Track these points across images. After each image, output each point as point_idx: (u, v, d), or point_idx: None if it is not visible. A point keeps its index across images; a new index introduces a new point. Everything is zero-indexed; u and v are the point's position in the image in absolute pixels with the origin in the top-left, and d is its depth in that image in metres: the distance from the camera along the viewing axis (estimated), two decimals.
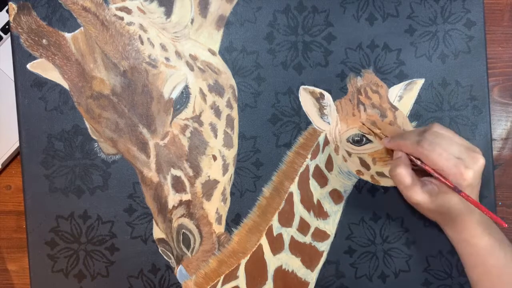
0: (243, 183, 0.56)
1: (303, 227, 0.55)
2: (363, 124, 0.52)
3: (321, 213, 0.55)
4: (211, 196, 0.55)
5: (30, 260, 0.55)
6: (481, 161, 0.45)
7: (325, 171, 0.55)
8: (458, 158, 0.44)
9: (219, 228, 0.55)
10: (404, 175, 0.46)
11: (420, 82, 0.56)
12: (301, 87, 0.56)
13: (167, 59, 0.54)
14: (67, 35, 0.55)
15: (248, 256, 0.55)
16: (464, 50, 0.56)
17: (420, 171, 0.48)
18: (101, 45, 0.54)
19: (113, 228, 0.55)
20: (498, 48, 0.61)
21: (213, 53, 0.56)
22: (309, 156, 0.56)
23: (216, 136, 0.55)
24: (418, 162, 0.47)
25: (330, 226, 0.56)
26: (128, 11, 0.54)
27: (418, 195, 0.46)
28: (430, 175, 0.47)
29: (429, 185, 0.46)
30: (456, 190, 0.44)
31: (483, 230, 0.46)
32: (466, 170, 0.44)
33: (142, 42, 0.54)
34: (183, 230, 0.55)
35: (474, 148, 0.46)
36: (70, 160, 0.55)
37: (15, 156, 0.61)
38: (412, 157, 0.48)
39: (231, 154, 0.56)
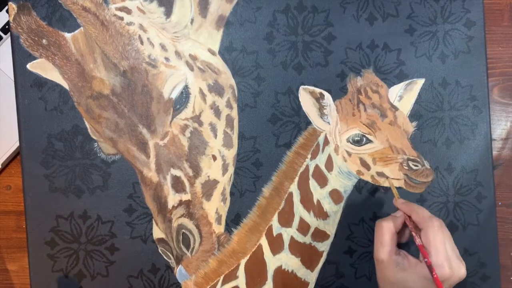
0: (243, 183, 0.56)
1: (303, 227, 0.55)
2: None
3: (321, 213, 0.55)
4: (210, 196, 0.55)
5: (30, 260, 0.55)
6: (462, 272, 0.44)
7: (325, 171, 0.55)
8: (447, 258, 0.44)
9: (219, 228, 0.55)
10: (387, 231, 0.46)
11: (420, 82, 0.56)
12: (301, 87, 0.56)
13: (167, 59, 0.54)
14: (67, 35, 0.55)
15: (248, 256, 0.55)
16: (464, 50, 0.56)
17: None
18: (101, 45, 0.54)
19: (113, 228, 0.55)
20: (498, 48, 0.61)
21: (213, 53, 0.56)
22: (309, 156, 0.56)
23: (216, 136, 0.55)
24: (415, 235, 0.46)
25: (330, 226, 0.55)
26: (128, 11, 0.54)
27: (386, 256, 0.45)
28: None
29: (401, 258, 0.46)
30: (430, 267, 0.43)
31: None
32: (448, 269, 0.43)
33: (142, 42, 0.54)
34: (183, 230, 0.55)
35: (462, 260, 0.45)
36: (70, 160, 0.55)
37: (15, 156, 0.61)
38: (410, 227, 0.47)
39: (231, 154, 0.56)
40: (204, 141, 0.55)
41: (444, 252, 0.44)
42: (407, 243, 0.50)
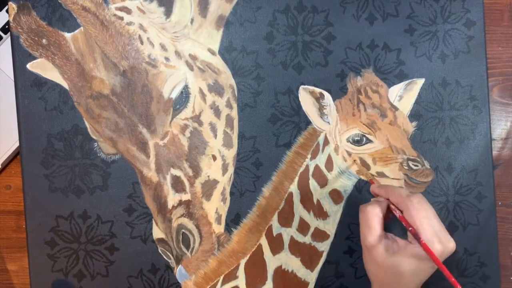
0: (243, 183, 0.56)
1: (303, 227, 0.55)
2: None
3: (321, 213, 0.55)
4: (210, 196, 0.55)
5: (30, 260, 0.55)
6: (451, 245, 0.43)
7: (325, 171, 0.55)
8: (436, 232, 0.43)
9: (219, 228, 0.55)
10: (373, 215, 0.44)
11: (420, 82, 0.56)
12: (301, 87, 0.56)
13: (166, 59, 0.54)
14: (67, 35, 0.55)
15: (248, 256, 0.55)
16: (464, 50, 0.56)
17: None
18: (100, 45, 0.54)
19: (112, 228, 0.55)
20: (498, 48, 0.61)
21: (212, 53, 0.56)
22: (309, 156, 0.56)
23: (215, 136, 0.55)
24: (398, 213, 0.45)
25: (330, 226, 0.55)
26: (127, 11, 0.54)
27: (375, 241, 0.44)
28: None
29: (390, 242, 0.45)
30: (431, 253, 0.42)
31: None
32: (439, 244, 0.42)
33: (141, 42, 0.54)
34: (183, 230, 0.55)
35: (448, 233, 0.45)
36: (70, 160, 0.55)
37: (15, 156, 0.61)
38: (393, 208, 0.46)
39: (230, 154, 0.56)
40: (204, 141, 0.55)
41: (430, 228, 0.43)
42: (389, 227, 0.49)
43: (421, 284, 0.44)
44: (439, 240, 0.42)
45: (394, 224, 0.54)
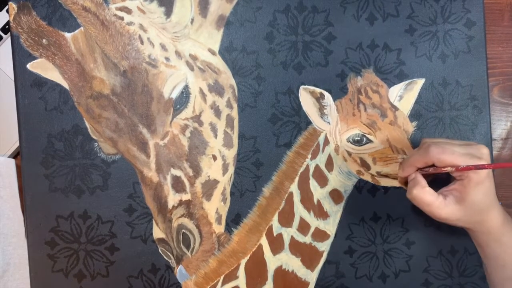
0: (243, 183, 0.56)
1: (303, 227, 0.55)
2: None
3: (321, 213, 0.55)
4: (211, 196, 0.55)
5: (30, 260, 0.55)
6: (485, 150, 0.46)
7: (325, 171, 0.55)
8: (467, 154, 0.45)
9: (219, 228, 0.55)
10: (423, 194, 0.46)
11: (420, 82, 0.56)
12: (301, 87, 0.56)
13: (167, 59, 0.54)
14: (67, 35, 0.55)
15: (248, 256, 0.55)
16: (464, 50, 0.56)
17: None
18: (101, 45, 0.54)
19: (113, 228, 0.55)
20: (498, 48, 0.61)
21: (213, 53, 0.56)
22: (309, 156, 0.56)
23: (216, 136, 0.55)
24: (431, 170, 0.46)
25: (330, 226, 0.55)
26: (128, 11, 0.54)
27: (444, 209, 0.46)
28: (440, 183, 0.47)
29: (450, 195, 0.46)
30: (482, 166, 0.44)
31: (510, 229, 0.47)
32: (479, 161, 0.44)
33: (142, 42, 0.54)
34: (183, 230, 0.55)
35: (472, 143, 0.47)
36: (70, 160, 0.55)
37: (15, 156, 0.61)
38: (425, 172, 0.47)
39: (231, 154, 0.56)
40: (204, 141, 0.55)
41: (464, 156, 0.44)
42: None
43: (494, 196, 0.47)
44: (478, 157, 0.45)
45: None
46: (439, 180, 0.49)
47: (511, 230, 0.47)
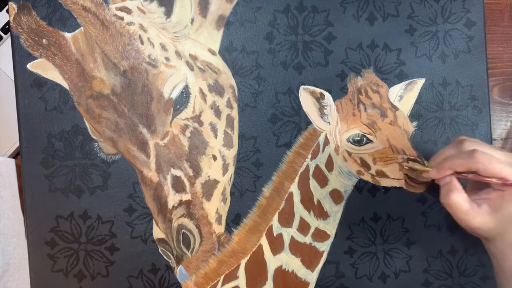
0: (243, 183, 0.56)
1: (303, 227, 0.55)
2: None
3: (321, 213, 0.55)
4: (211, 196, 0.55)
5: (30, 260, 0.55)
6: None
7: (325, 171, 0.55)
8: (510, 162, 0.43)
9: (219, 228, 0.55)
10: (461, 201, 0.44)
11: (420, 82, 0.56)
12: (301, 87, 0.56)
13: (167, 59, 0.54)
14: (67, 35, 0.55)
15: (248, 256, 0.55)
16: (464, 50, 0.56)
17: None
18: (101, 45, 0.54)
19: (113, 228, 0.55)
20: (498, 48, 0.61)
21: (213, 53, 0.56)
22: (309, 156, 0.56)
23: (216, 136, 0.55)
24: (471, 176, 0.44)
25: (330, 226, 0.55)
26: (128, 11, 0.54)
27: (478, 218, 0.44)
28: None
29: (485, 204, 0.44)
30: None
31: None
32: None
33: (142, 42, 0.54)
34: (183, 230, 0.54)
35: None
36: (70, 160, 0.55)
37: (15, 156, 0.61)
38: (464, 177, 0.45)
39: (231, 154, 0.56)
40: (204, 141, 0.55)
41: (504, 165, 0.42)
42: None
43: None
44: None
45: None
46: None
47: None
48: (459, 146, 0.46)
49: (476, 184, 0.47)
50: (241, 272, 0.55)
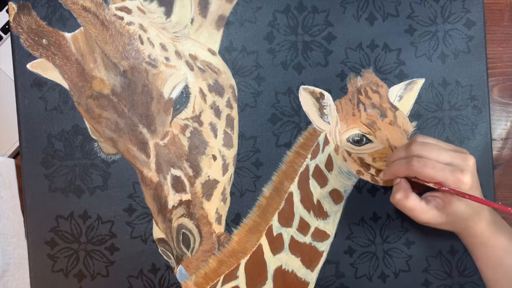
0: (243, 183, 0.56)
1: (303, 227, 0.55)
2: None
3: (321, 213, 0.55)
4: (211, 196, 0.55)
5: (30, 260, 0.55)
6: (472, 161, 0.45)
7: (325, 171, 0.55)
8: (450, 165, 0.44)
9: (219, 228, 0.55)
10: (406, 200, 0.46)
11: (420, 82, 0.56)
12: (301, 87, 0.56)
13: (167, 59, 0.54)
14: (67, 35, 0.55)
15: (248, 256, 0.55)
16: (464, 50, 0.56)
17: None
18: (101, 45, 0.54)
19: (113, 228, 0.55)
20: (498, 48, 0.61)
21: (213, 53, 0.56)
22: (309, 156, 0.56)
23: (216, 136, 0.55)
24: (413, 179, 0.47)
25: (330, 226, 0.56)
26: (128, 11, 0.54)
27: (425, 214, 0.46)
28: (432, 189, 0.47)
29: (433, 201, 0.47)
30: (461, 194, 0.44)
31: (496, 230, 0.47)
32: (462, 174, 0.44)
33: (142, 42, 0.54)
34: (183, 230, 0.55)
35: (461, 149, 0.47)
36: (70, 160, 0.55)
37: (15, 156, 0.61)
38: (410, 178, 0.47)
39: (231, 154, 0.56)
40: (204, 141, 0.55)
41: (446, 169, 0.44)
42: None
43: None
44: (460, 170, 0.44)
45: None
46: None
47: (498, 233, 0.47)
48: (407, 150, 0.47)
49: None
50: (241, 272, 0.55)
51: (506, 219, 0.60)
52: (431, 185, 0.45)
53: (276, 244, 0.55)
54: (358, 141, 0.54)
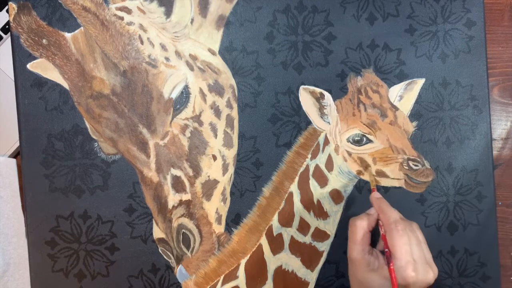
0: (243, 183, 0.56)
1: (303, 227, 0.55)
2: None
3: (321, 213, 0.55)
4: (211, 196, 0.55)
5: (30, 260, 0.55)
6: (430, 276, 0.44)
7: (325, 171, 0.55)
8: (414, 260, 0.44)
9: (219, 228, 0.55)
10: (360, 229, 0.47)
11: (420, 82, 0.56)
12: (301, 87, 0.56)
13: (167, 59, 0.54)
14: (67, 35, 0.55)
15: (248, 256, 0.55)
16: (464, 50, 0.56)
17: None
18: (101, 45, 0.54)
19: (113, 228, 0.55)
20: (498, 48, 0.61)
21: (213, 53, 0.56)
22: (309, 156, 0.56)
23: (216, 136, 0.55)
24: (382, 232, 0.47)
25: (330, 226, 0.55)
26: (128, 11, 0.54)
27: (358, 255, 0.46)
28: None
29: (373, 257, 0.46)
30: (390, 270, 0.43)
31: None
32: (412, 272, 0.43)
33: (142, 42, 0.54)
34: (183, 230, 0.55)
35: (433, 265, 0.45)
36: (70, 160, 0.55)
37: (15, 156, 0.61)
38: (380, 225, 0.47)
39: (231, 154, 0.56)
40: (204, 141, 0.55)
41: (407, 255, 0.43)
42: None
43: None
44: (414, 269, 0.43)
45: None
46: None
47: None
48: (404, 219, 0.47)
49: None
50: (241, 272, 0.55)
51: (506, 219, 0.60)
52: (386, 249, 0.45)
53: (276, 244, 0.55)
54: (358, 141, 0.54)
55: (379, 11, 0.56)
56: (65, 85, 0.55)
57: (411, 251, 0.44)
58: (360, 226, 0.47)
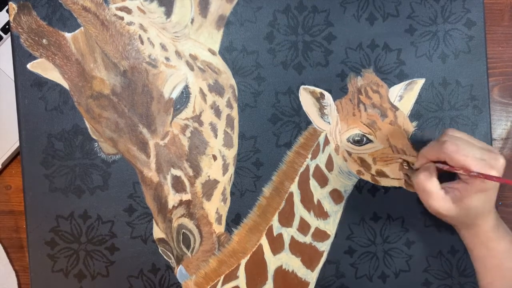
0: (243, 183, 0.56)
1: (303, 227, 0.55)
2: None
3: (321, 213, 0.55)
4: (211, 196, 0.55)
5: (30, 260, 0.55)
6: (501, 161, 0.45)
7: (326, 171, 0.55)
8: (482, 160, 0.44)
9: (219, 228, 0.55)
10: (426, 182, 0.46)
11: (420, 82, 0.56)
12: (301, 87, 0.56)
13: (167, 59, 0.54)
14: (67, 35, 0.55)
15: (248, 256, 0.55)
16: (464, 50, 0.56)
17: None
18: (101, 45, 0.54)
19: (113, 228, 0.55)
20: (498, 48, 0.61)
21: (213, 53, 0.56)
22: (309, 156, 0.56)
23: (216, 136, 0.55)
24: (446, 167, 0.46)
25: (330, 226, 0.55)
26: (128, 11, 0.54)
27: (439, 202, 0.46)
28: (450, 178, 0.47)
29: (451, 192, 0.46)
30: (491, 178, 0.43)
31: (500, 234, 0.48)
32: (491, 170, 0.44)
33: (142, 42, 0.54)
34: (183, 230, 0.55)
35: (493, 148, 0.47)
36: (70, 160, 0.55)
37: (15, 156, 0.61)
38: (439, 166, 0.47)
39: (231, 154, 0.56)
40: (205, 141, 0.55)
41: (476, 159, 0.44)
42: None
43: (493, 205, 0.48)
44: (490, 166, 0.44)
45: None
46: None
47: (500, 236, 0.48)
48: (440, 138, 0.48)
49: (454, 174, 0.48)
50: (241, 272, 0.55)
51: (506, 219, 0.60)
52: (460, 171, 0.45)
53: (276, 244, 0.55)
54: (359, 141, 0.54)
55: (379, 11, 0.56)
56: (65, 85, 0.55)
57: (474, 154, 0.44)
58: (426, 178, 0.46)
